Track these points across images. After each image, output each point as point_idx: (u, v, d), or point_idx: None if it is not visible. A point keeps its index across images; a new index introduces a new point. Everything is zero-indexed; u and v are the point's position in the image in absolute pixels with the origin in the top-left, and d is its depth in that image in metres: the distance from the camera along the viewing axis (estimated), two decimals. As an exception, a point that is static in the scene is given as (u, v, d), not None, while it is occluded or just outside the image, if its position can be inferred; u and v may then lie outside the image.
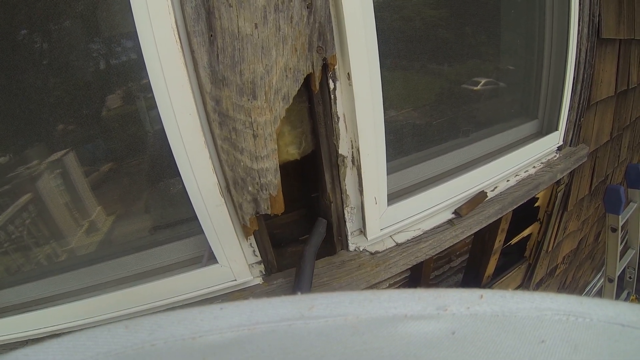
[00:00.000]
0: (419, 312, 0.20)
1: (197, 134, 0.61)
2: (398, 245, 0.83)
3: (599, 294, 2.78)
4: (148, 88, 0.67)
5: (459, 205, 0.95)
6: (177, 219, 0.87)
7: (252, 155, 0.64)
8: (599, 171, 1.59)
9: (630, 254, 1.76)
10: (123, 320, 0.20)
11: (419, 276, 1.27)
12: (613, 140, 1.58)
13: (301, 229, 0.90)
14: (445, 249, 1.39)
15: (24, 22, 0.65)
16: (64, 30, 0.67)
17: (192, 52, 0.55)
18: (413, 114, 0.96)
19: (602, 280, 2.72)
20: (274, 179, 0.67)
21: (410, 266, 0.84)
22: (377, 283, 0.82)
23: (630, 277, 1.78)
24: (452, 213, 0.94)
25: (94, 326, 0.76)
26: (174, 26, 0.54)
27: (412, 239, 0.85)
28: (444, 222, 0.92)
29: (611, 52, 1.36)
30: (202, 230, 0.72)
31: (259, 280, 0.79)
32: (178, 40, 0.55)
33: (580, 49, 1.17)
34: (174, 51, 0.55)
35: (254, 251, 0.76)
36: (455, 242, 0.93)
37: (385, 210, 0.79)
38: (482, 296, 0.21)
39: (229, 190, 0.67)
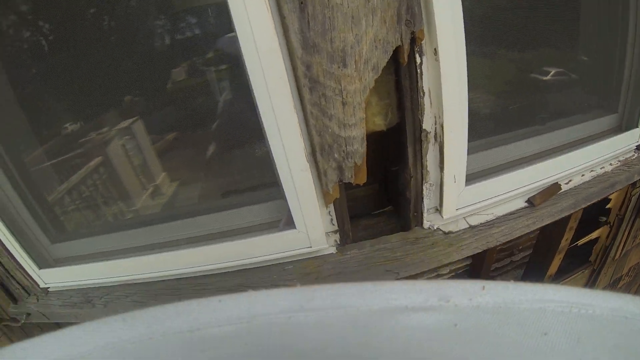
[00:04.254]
0: (421, 304, 0.20)
1: (286, 98, 0.64)
2: (471, 227, 0.83)
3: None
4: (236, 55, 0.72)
5: (533, 195, 0.93)
6: (255, 184, 0.91)
7: (341, 123, 0.66)
8: (678, 177, 1.47)
9: None
10: (121, 314, 0.20)
11: (480, 265, 1.24)
12: (696, 145, 1.46)
13: (373, 203, 0.91)
14: (511, 240, 1.36)
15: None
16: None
17: (282, 17, 0.58)
18: (490, 97, 0.95)
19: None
20: (360, 148, 0.69)
21: (481, 250, 0.83)
22: (448, 264, 0.82)
23: None
24: (525, 202, 0.92)
25: (168, 279, 0.81)
26: (265, -7, 0.56)
27: (485, 222, 0.84)
28: (517, 210, 0.90)
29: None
30: (282, 195, 0.76)
31: (333, 250, 0.81)
32: (268, 7, 0.57)
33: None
34: (264, 17, 0.58)
35: (331, 220, 0.79)
36: (526, 232, 0.91)
37: (463, 190, 0.79)
38: (484, 287, 0.20)
39: (314, 156, 0.70)
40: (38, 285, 0.92)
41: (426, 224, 0.81)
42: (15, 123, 0.85)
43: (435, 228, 0.81)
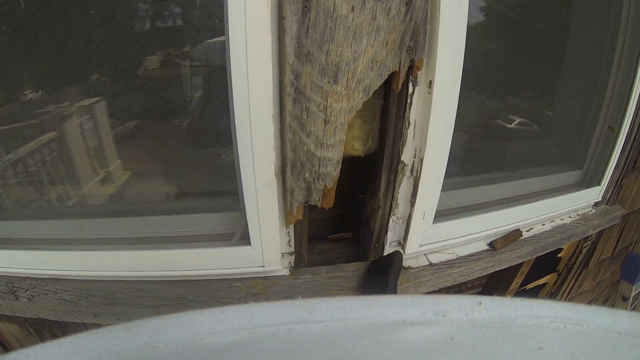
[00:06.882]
0: (418, 318, 0.20)
1: (267, 105, 0.58)
2: (431, 265, 0.81)
3: None
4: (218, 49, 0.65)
5: (495, 239, 0.93)
6: (215, 191, 0.85)
7: (318, 141, 0.62)
8: (625, 236, 1.56)
9: (636, 325, 1.71)
10: (125, 323, 0.20)
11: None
12: (646, 208, 1.56)
13: (333, 227, 0.88)
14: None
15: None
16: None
17: (281, 18, 0.53)
18: (466, 138, 0.94)
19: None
20: (333, 171, 0.65)
21: (437, 289, 0.82)
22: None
23: (631, 349, 1.73)
24: (487, 245, 0.92)
25: (105, 279, 0.72)
26: (267, -13, 0.51)
27: (445, 261, 0.83)
28: (478, 252, 0.89)
29: (666, 119, 1.34)
30: (241, 207, 0.70)
31: (286, 272, 0.76)
32: (269, 3, 0.52)
33: (639, 109, 1.15)
34: (262, 12, 0.52)
35: (289, 241, 0.74)
36: (483, 274, 0.91)
37: (429, 227, 0.77)
38: (480, 303, 0.21)
39: (283, 173, 0.65)
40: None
41: (386, 257, 0.78)
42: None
43: (395, 262, 0.78)
